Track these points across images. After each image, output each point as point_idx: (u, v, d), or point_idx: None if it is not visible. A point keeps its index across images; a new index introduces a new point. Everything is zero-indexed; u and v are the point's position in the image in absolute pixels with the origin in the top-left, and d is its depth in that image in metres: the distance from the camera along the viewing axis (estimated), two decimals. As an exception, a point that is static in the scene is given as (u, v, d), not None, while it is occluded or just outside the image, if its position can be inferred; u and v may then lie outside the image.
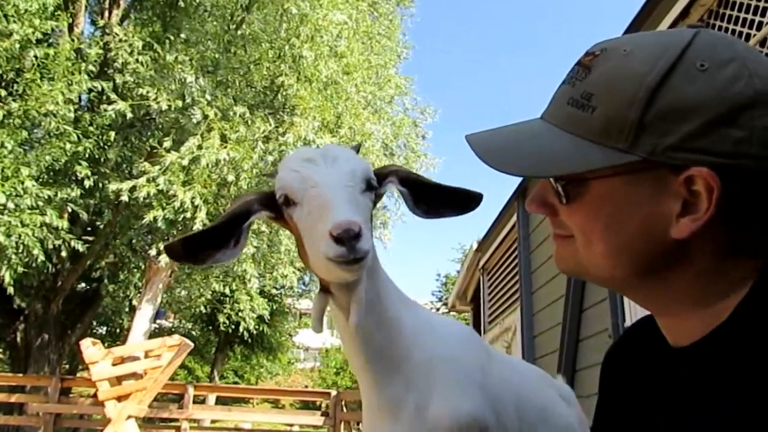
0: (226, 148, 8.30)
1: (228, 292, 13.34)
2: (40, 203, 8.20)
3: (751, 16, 3.37)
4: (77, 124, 8.88)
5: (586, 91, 0.69)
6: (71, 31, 10.30)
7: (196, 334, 19.79)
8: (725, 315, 0.67)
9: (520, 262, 6.67)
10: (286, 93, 9.26)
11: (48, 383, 9.91)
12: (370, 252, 1.21)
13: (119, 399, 7.79)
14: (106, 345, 8.84)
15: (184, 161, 8.13)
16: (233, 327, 16.71)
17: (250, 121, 8.72)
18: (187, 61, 8.57)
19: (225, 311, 16.28)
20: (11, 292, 9.20)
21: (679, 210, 0.65)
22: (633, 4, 4.21)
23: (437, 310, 24.90)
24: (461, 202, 1.50)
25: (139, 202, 8.51)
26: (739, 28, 3.45)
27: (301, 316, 24.88)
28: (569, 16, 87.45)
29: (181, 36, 9.50)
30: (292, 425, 13.99)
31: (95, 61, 8.98)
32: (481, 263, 9.02)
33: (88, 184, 8.79)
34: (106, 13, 10.89)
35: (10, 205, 7.69)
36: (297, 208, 1.32)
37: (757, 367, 0.60)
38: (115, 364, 8.02)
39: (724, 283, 0.68)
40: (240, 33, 9.71)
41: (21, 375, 11.35)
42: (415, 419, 1.38)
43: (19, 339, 12.63)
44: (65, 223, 8.74)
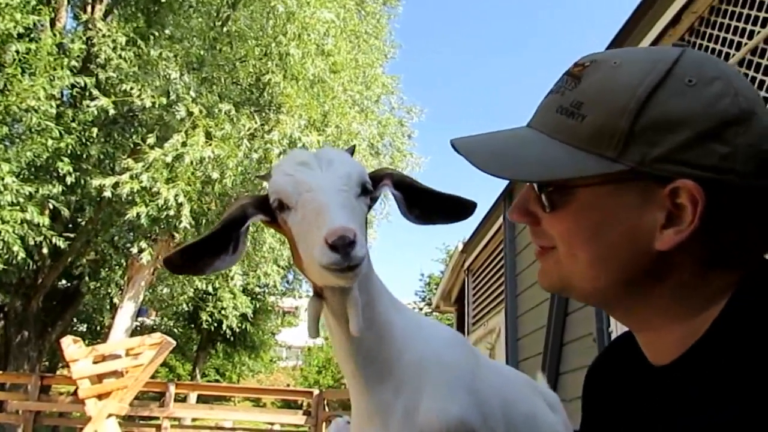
0: (210, 145, 8.24)
1: (211, 289, 13.27)
2: (21, 200, 8.11)
3: (742, 25, 3.39)
4: (59, 120, 8.78)
5: (575, 100, 0.69)
6: (53, 26, 10.17)
7: (177, 332, 19.65)
8: (703, 329, 0.67)
9: (506, 264, 6.67)
10: (272, 91, 9.21)
11: (28, 381, 9.81)
12: (365, 259, 1.20)
13: (100, 397, 7.73)
14: (87, 343, 8.76)
15: (168, 158, 8.06)
16: (216, 325, 16.62)
17: (235, 119, 8.66)
18: (172, 58, 8.50)
19: (207, 309, 16.18)
20: (-9, 288, 9.09)
21: (663, 221, 0.66)
22: (622, 9, 4.23)
23: (420, 309, 24.95)
24: (455, 209, 1.49)
25: (122, 199, 8.43)
26: (730, 36, 3.48)
27: (284, 315, 24.80)
28: (556, 18, 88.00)
29: (166, 32, 9.42)
30: (273, 424, 13.95)
31: (78, 56, 8.88)
32: (466, 264, 9.02)
33: (69, 180, 8.70)
34: (89, 8, 10.72)
35: (-9, 202, 7.59)
36: (291, 213, 1.30)
37: (738, 383, 0.61)
38: (96, 362, 7.96)
39: (702, 296, 0.68)
40: (226, 30, 9.64)
41: (0, 372, 11.21)
42: (404, 424, 1.37)
43: (-2, 336, 12.47)
44: (46, 220, 8.65)
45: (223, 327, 15.77)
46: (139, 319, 16.45)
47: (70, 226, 11.37)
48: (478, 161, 0.73)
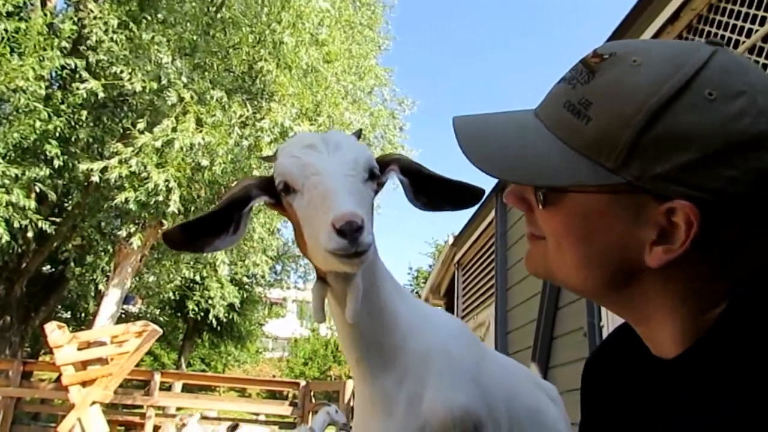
0: (201, 132, 8.16)
1: (198, 279, 13.18)
2: (7, 182, 8.00)
3: (741, 23, 3.39)
4: (48, 101, 8.66)
5: (585, 98, 0.66)
6: (44, 6, 10.01)
7: (163, 321, 19.52)
8: (707, 326, 0.65)
9: (497, 258, 6.68)
10: (264, 79, 9.13)
11: (9, 367, 9.73)
12: (372, 245, 1.18)
13: (84, 384, 7.67)
14: (71, 329, 8.68)
15: (158, 143, 7.97)
16: (202, 314, 16.56)
17: (227, 106, 8.58)
18: (164, 42, 8.39)
19: (194, 298, 16.11)
20: (-27, 272, 8.98)
21: (654, 238, 0.63)
22: (621, 3, 4.21)
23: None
24: (462, 196, 1.48)
25: (110, 184, 8.33)
26: (728, 34, 3.47)
27: (272, 306, 24.77)
28: (553, 12, 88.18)
29: (158, 16, 9.29)
30: (258, 414, 13.92)
31: (69, 37, 8.74)
32: (456, 258, 9.04)
33: (57, 163, 8.60)
34: (81, -11, 10.58)
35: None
36: (297, 196, 1.28)
37: (738, 380, 0.59)
38: (80, 349, 7.90)
39: (706, 299, 0.66)
40: (220, 16, 9.54)
41: (-19, 357, 11.10)
42: (408, 412, 1.36)
43: (-21, 321, 12.32)
44: (32, 203, 8.54)
45: (210, 317, 15.71)
46: (125, 306, 16.33)
47: (57, 210, 11.26)
48: (472, 155, 0.70)
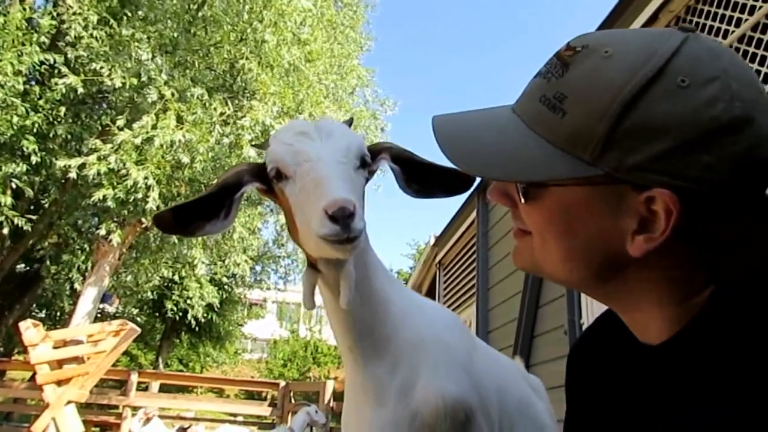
0: (182, 129, 8.09)
1: (177, 278, 13.07)
2: (-17, 177, 7.86)
3: (717, 24, 3.45)
4: (25, 97, 8.53)
5: (559, 92, 0.67)
6: (22, 1, 9.88)
7: (141, 321, 19.32)
8: (692, 313, 0.66)
9: (478, 257, 6.72)
10: (246, 77, 9.09)
11: (-18, 365, 9.56)
12: (363, 232, 1.19)
13: (59, 383, 7.56)
14: (46, 328, 8.55)
15: (138, 140, 7.89)
16: (181, 314, 16.43)
17: (208, 104, 8.53)
18: (145, 39, 8.31)
19: (173, 298, 15.98)
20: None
21: (635, 227, 0.64)
22: (603, 4, 4.25)
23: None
24: (453, 183, 1.49)
25: (88, 181, 8.22)
26: (705, 35, 3.53)
27: (251, 307, 24.62)
28: (536, 12, 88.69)
29: (139, 13, 9.20)
30: (236, 415, 13.83)
31: (48, 32, 8.64)
32: (437, 258, 9.07)
33: (34, 159, 8.47)
34: (60, -16, 10.45)
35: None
36: (289, 183, 1.30)
37: (733, 375, 0.60)
38: (56, 348, 7.78)
39: (689, 285, 0.67)
40: (201, 14, 9.47)
41: (-47, 356, 10.91)
42: (399, 401, 1.37)
43: (-48, 319, 12.12)
44: (8, 200, 8.43)
45: (189, 317, 15.59)
46: (102, 305, 16.14)
47: (33, 207, 11.10)
48: (451, 154, 0.71)
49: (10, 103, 8.02)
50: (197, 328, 19.86)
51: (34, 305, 16.00)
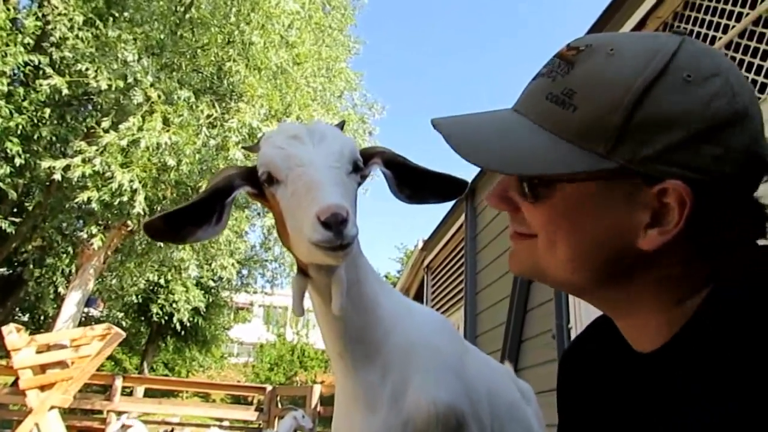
0: (168, 131, 8.03)
1: (163, 282, 12.97)
2: (-35, 179, 7.77)
3: (704, 31, 3.48)
4: (10, 98, 8.47)
5: (567, 88, 0.66)
6: (6, 1, 9.78)
7: (126, 325, 19.16)
8: (687, 316, 0.66)
9: (466, 262, 6.72)
10: (233, 79, 9.06)
11: (-37, 371, 9.43)
12: (356, 238, 1.17)
13: (42, 388, 7.45)
14: (29, 332, 8.44)
15: (123, 142, 7.82)
16: (166, 318, 16.31)
17: (194, 106, 8.48)
18: (131, 41, 8.26)
19: (159, 301, 15.86)
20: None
21: (648, 221, 0.64)
22: (592, 8, 4.27)
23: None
24: (446, 188, 1.48)
25: (72, 183, 8.15)
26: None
27: (238, 311, 24.51)
28: (523, 16, 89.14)
29: (125, 14, 9.16)
30: (222, 420, 13.73)
31: (33, 33, 8.56)
32: (425, 262, 9.06)
33: (18, 162, 8.40)
34: (46, -15, 10.36)
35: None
36: (280, 187, 1.27)
37: (731, 374, 0.59)
38: (39, 352, 7.68)
39: (686, 285, 0.67)
40: (188, 16, 9.43)
41: (-66, 361, 10.75)
42: (391, 407, 1.35)
43: (-67, 323, 11.93)
44: (-9, 202, 8.34)
45: (174, 320, 15.49)
46: (87, 309, 15.99)
47: (17, 210, 10.99)
48: (460, 148, 0.69)
49: (-6, 105, 7.94)
50: (183, 332, 19.71)
51: (18, 309, 15.82)
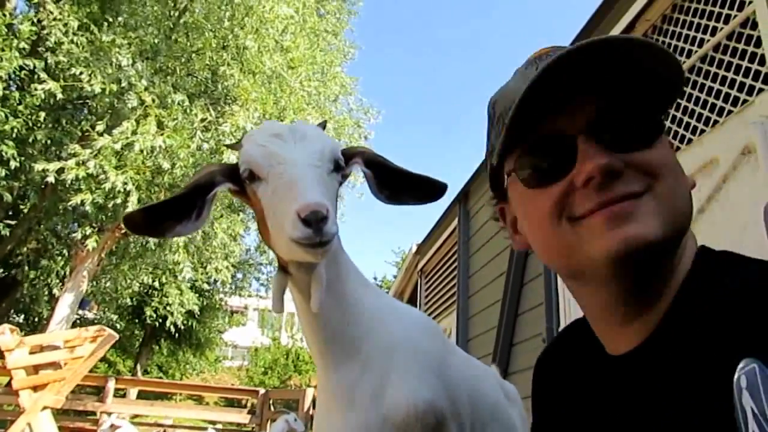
0: (162, 135, 8.09)
1: (157, 284, 12.97)
2: (-40, 182, 7.80)
3: (693, 33, 3.53)
4: (5, 102, 8.49)
5: None
6: (2, 6, 9.82)
7: (120, 327, 19.13)
8: (662, 313, 0.67)
9: (459, 265, 6.73)
10: (227, 83, 9.11)
11: (-43, 371, 9.42)
12: (336, 235, 1.19)
13: (35, 389, 7.47)
14: (24, 334, 8.47)
15: (117, 146, 7.86)
16: (160, 321, 16.29)
17: (188, 110, 8.52)
18: (125, 45, 8.31)
19: (153, 304, 15.85)
20: None
21: None
22: (581, 12, 4.28)
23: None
24: (425, 190, 1.49)
25: (67, 186, 8.18)
26: (681, 44, 3.61)
27: (232, 314, 24.45)
28: (516, 20, 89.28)
29: (120, 19, 9.20)
30: (215, 422, 13.72)
31: (28, 38, 8.60)
32: (419, 266, 9.07)
33: (14, 165, 8.43)
34: (41, -10, 10.40)
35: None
36: (261, 184, 1.29)
37: (702, 365, 0.59)
38: (32, 353, 7.70)
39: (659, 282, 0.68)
40: (183, 21, 9.48)
41: (-73, 362, 10.72)
42: (370, 405, 1.35)
43: (-73, 324, 11.91)
44: (-14, 204, 8.36)
45: (168, 323, 15.46)
46: (80, 311, 15.98)
47: (12, 212, 11.00)
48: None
49: (-11, 108, 7.98)
50: (177, 335, 19.69)
51: (12, 310, 15.79)
